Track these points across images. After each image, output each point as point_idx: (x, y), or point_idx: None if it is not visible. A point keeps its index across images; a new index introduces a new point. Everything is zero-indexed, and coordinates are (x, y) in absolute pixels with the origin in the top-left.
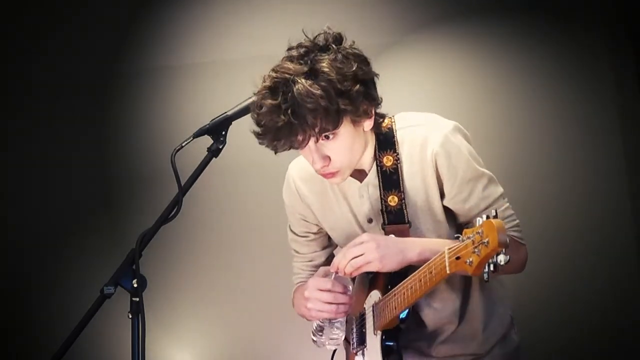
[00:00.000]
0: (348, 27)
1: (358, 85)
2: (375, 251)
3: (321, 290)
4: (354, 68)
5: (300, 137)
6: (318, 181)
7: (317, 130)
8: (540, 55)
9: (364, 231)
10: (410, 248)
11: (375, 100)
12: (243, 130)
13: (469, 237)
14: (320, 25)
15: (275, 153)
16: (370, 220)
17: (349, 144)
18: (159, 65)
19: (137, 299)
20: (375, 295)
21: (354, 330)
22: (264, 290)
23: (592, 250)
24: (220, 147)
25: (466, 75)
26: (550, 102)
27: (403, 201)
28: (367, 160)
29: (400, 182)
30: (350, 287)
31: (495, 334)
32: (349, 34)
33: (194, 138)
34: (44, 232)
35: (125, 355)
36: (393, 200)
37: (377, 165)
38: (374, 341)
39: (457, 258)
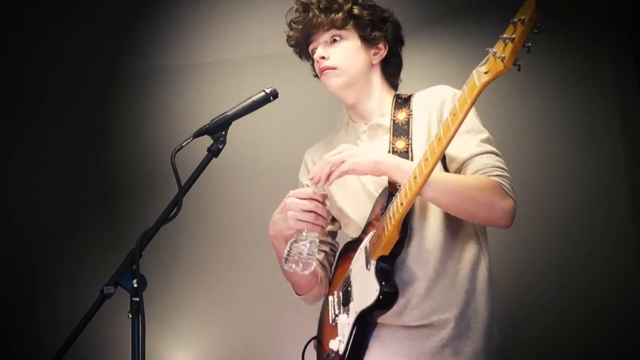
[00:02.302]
0: None
1: (372, 10)
2: (350, 150)
3: (301, 198)
4: (381, 9)
5: (315, 23)
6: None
7: (327, 20)
8: (540, 55)
9: (368, 195)
10: (386, 157)
11: (387, 39)
12: (243, 130)
13: (501, 38)
14: None
15: (301, 56)
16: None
17: (352, 50)
18: (158, 65)
19: (137, 299)
20: (368, 238)
21: (335, 302)
22: (264, 290)
23: (592, 250)
24: (220, 147)
25: (465, 75)
26: (550, 102)
27: (410, 146)
28: (378, 109)
29: (410, 129)
30: (328, 203)
31: (480, 316)
32: None
33: (194, 138)
34: (44, 232)
35: (125, 355)
36: (400, 144)
37: (391, 119)
38: (365, 278)
39: (485, 73)
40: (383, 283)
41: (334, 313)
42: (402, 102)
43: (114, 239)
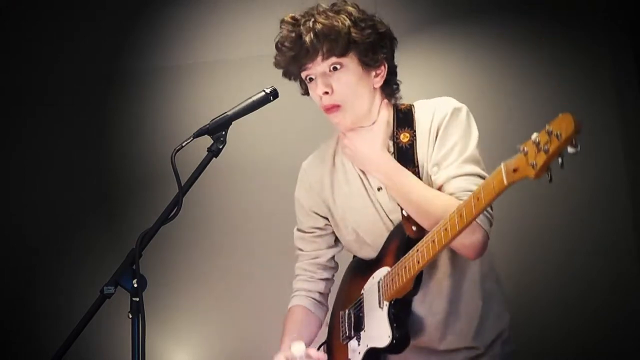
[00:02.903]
0: None
1: (371, 30)
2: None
3: None
4: (375, 22)
5: (310, 52)
6: (328, 165)
7: (325, 49)
8: (540, 55)
9: (376, 201)
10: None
11: (386, 58)
12: (243, 130)
13: (534, 143)
14: None
15: (290, 79)
16: (380, 189)
17: (354, 80)
18: (159, 66)
19: (137, 299)
20: (380, 272)
21: (346, 321)
22: (264, 290)
23: (592, 250)
24: (220, 147)
25: (465, 75)
26: (550, 102)
27: (418, 175)
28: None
29: (415, 157)
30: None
31: (493, 329)
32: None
33: (194, 138)
34: (44, 232)
35: (125, 355)
36: None
37: (394, 142)
38: (377, 315)
39: (515, 170)
40: (395, 329)
41: (345, 332)
42: (403, 117)
43: (114, 239)
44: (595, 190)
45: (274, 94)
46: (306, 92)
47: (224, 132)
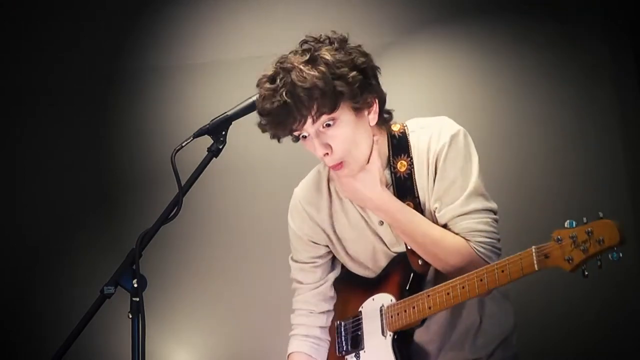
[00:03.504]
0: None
1: (355, 72)
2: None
3: None
4: (353, 56)
5: (297, 118)
6: (325, 195)
7: (313, 112)
8: (540, 55)
9: (376, 234)
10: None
11: (376, 92)
12: (243, 130)
13: (570, 237)
14: (320, 25)
15: (279, 141)
16: (381, 223)
17: (350, 132)
18: (159, 65)
19: (137, 299)
20: (382, 298)
21: (342, 334)
22: (264, 290)
23: None
24: (220, 147)
25: (465, 76)
26: (550, 102)
27: (418, 206)
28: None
29: (414, 187)
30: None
31: (494, 338)
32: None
33: (194, 138)
34: (44, 232)
35: (125, 355)
36: (409, 206)
37: (391, 172)
38: (380, 343)
39: (546, 257)
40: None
41: (342, 345)
42: (398, 144)
43: (114, 239)
44: (595, 190)
45: None
46: (297, 140)
47: (224, 132)
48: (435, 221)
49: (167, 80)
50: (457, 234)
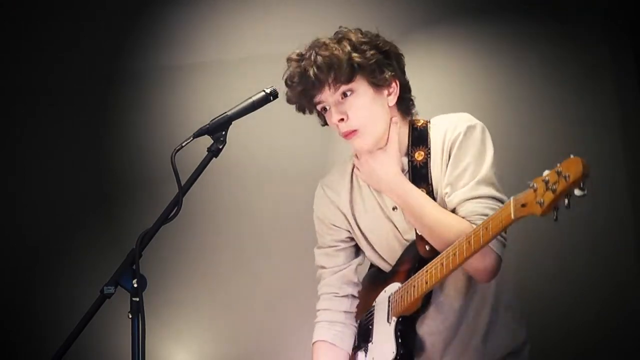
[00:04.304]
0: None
1: (375, 51)
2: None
3: None
4: (376, 41)
5: (316, 85)
6: (347, 182)
7: (330, 79)
8: (540, 55)
9: (390, 220)
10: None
11: (396, 74)
12: (243, 130)
13: (543, 180)
14: (319, 24)
15: (304, 113)
16: (395, 208)
17: (367, 103)
18: (159, 65)
19: (137, 299)
20: (392, 287)
21: (357, 331)
22: (264, 290)
23: (592, 250)
24: (220, 147)
25: (464, 76)
26: (550, 102)
27: (431, 193)
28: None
29: (429, 175)
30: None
31: (500, 347)
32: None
33: (194, 138)
34: (44, 232)
35: (125, 355)
36: (422, 191)
37: (409, 160)
38: (385, 330)
39: (523, 205)
40: (400, 345)
41: (355, 341)
42: (418, 135)
43: (114, 239)
44: (595, 190)
45: (274, 94)
46: (325, 123)
47: (224, 132)
48: (445, 207)
49: (167, 80)
50: (463, 217)
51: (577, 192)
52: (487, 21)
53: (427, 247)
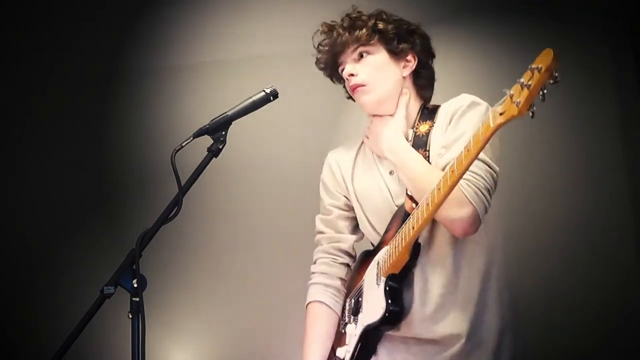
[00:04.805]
0: None
1: (398, 24)
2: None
3: None
4: (401, 21)
5: (340, 42)
6: (353, 152)
7: (352, 39)
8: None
9: (385, 185)
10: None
11: (413, 48)
12: (243, 130)
13: (519, 83)
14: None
15: (332, 80)
16: (391, 173)
17: (379, 64)
18: (159, 65)
19: (137, 299)
20: (382, 252)
21: (346, 310)
22: (264, 290)
23: (592, 250)
24: (220, 147)
25: (464, 76)
26: (550, 102)
27: (427, 158)
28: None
29: (428, 141)
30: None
31: (491, 328)
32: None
33: (194, 138)
34: (44, 232)
35: (125, 355)
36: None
37: (413, 131)
38: (374, 293)
39: (501, 114)
40: (390, 302)
41: (344, 321)
42: (428, 113)
43: (114, 239)
44: (595, 190)
45: (274, 94)
46: (350, 97)
47: (224, 132)
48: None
49: (167, 80)
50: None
51: (551, 82)
52: (487, 21)
53: (414, 205)
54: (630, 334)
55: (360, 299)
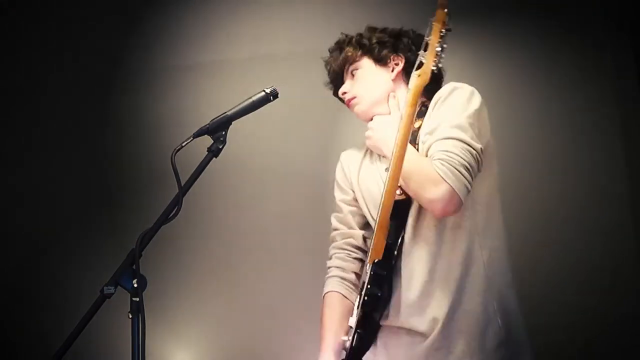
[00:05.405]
0: (347, 27)
1: (381, 34)
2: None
3: None
4: (389, 29)
5: (335, 68)
6: (361, 153)
7: (341, 60)
8: (539, 55)
9: (381, 181)
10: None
11: (397, 50)
12: (243, 130)
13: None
14: (319, 25)
15: (333, 88)
16: (387, 169)
17: (367, 76)
18: (160, 66)
19: (137, 299)
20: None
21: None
22: (264, 290)
23: (592, 250)
24: (220, 147)
25: (463, 76)
26: (550, 102)
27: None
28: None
29: (418, 134)
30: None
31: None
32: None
33: (194, 138)
34: (44, 232)
35: (125, 355)
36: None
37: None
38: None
39: (419, 76)
40: (369, 287)
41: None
42: (425, 110)
43: (114, 239)
44: (595, 190)
45: (274, 94)
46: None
47: (224, 132)
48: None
49: (166, 80)
50: (431, 156)
51: (443, 31)
52: (487, 21)
53: (399, 192)
54: (629, 334)
55: (362, 292)
